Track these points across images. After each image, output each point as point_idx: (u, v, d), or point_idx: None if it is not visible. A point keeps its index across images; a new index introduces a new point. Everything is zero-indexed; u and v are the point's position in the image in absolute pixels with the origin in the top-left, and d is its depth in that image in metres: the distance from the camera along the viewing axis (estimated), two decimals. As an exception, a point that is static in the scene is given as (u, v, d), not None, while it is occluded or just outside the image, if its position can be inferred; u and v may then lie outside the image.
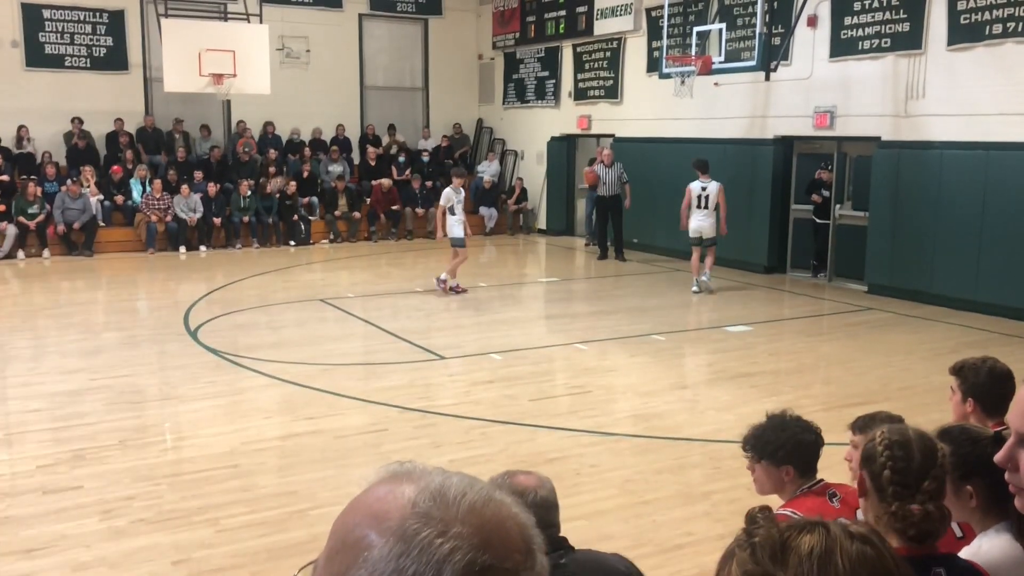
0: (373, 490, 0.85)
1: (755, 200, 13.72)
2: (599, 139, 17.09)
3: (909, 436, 2.02)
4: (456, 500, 0.82)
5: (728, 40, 12.91)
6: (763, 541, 1.09)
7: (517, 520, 0.84)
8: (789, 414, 2.99)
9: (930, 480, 1.94)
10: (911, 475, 1.95)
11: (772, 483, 2.93)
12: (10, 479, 5.53)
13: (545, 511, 2.38)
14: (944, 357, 3.89)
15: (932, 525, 1.92)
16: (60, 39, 16.56)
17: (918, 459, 1.97)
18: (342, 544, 0.83)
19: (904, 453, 1.98)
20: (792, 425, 2.94)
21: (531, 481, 2.45)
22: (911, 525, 1.91)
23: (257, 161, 17.40)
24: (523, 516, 0.86)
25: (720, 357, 8.67)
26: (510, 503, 0.86)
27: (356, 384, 7.67)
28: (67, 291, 12.82)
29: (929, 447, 2.00)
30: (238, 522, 4.87)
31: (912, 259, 11.50)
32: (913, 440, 2.01)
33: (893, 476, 1.96)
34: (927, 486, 1.94)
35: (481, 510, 0.82)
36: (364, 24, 19.27)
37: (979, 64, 10.65)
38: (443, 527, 0.79)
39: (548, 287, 13.52)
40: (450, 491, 0.83)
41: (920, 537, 1.92)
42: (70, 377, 7.76)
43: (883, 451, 2.00)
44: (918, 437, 2.03)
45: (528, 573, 0.82)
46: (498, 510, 0.83)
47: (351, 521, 0.84)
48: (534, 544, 0.84)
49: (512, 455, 5.94)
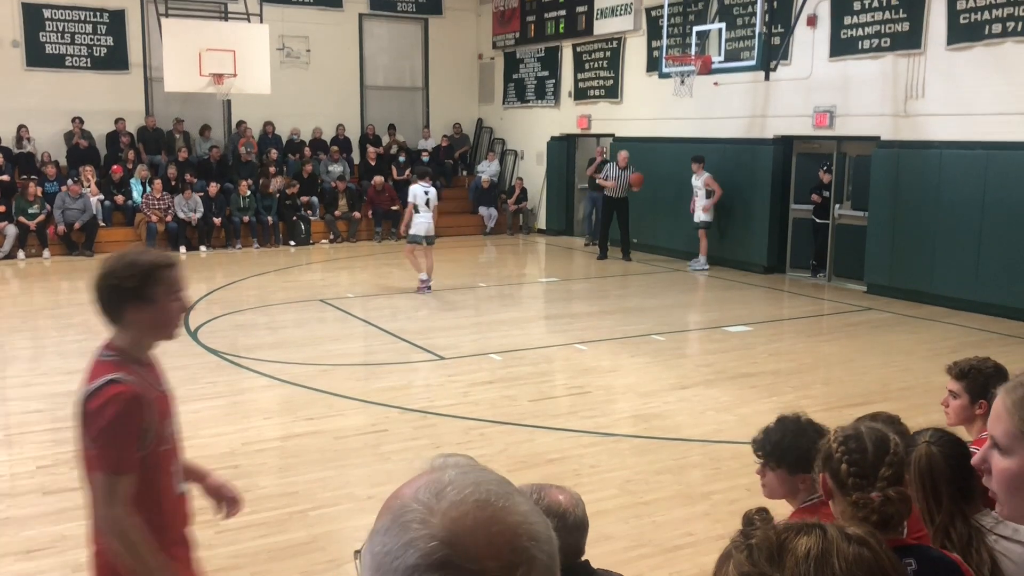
0: (415, 478, 0.91)
1: (755, 200, 13.72)
2: (599, 139, 17.10)
3: (860, 430, 2.14)
4: (447, 495, 0.85)
5: (728, 40, 12.92)
6: (760, 543, 1.09)
7: (512, 531, 0.83)
8: (803, 418, 2.87)
9: (885, 467, 2.04)
10: (867, 465, 2.05)
11: (785, 490, 2.82)
12: (10, 480, 5.53)
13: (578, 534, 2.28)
14: (944, 357, 3.89)
15: (892, 509, 2.00)
16: (60, 39, 16.57)
17: (871, 449, 2.07)
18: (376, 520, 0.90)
19: (857, 445, 2.08)
20: (811, 431, 2.78)
21: (566, 501, 2.31)
22: (872, 511, 1.99)
23: (257, 161, 17.41)
24: (527, 530, 0.84)
25: (720, 357, 8.68)
26: (519, 517, 0.85)
27: (356, 385, 7.67)
28: (67, 291, 12.82)
29: (880, 437, 2.10)
30: (238, 523, 4.85)
31: (911, 259, 11.51)
32: (864, 433, 2.12)
33: (850, 468, 2.05)
34: (884, 472, 2.03)
35: (467, 509, 0.83)
36: (364, 24, 19.27)
37: (978, 64, 10.65)
38: (425, 515, 0.84)
39: (548, 287, 13.52)
40: (450, 487, 0.86)
41: (883, 522, 1.98)
42: (70, 378, 7.75)
43: (838, 448, 2.10)
44: (869, 430, 2.14)
45: None
46: (490, 515, 0.83)
47: (386, 502, 0.91)
48: (521, 559, 0.82)
49: (511, 456, 5.94)
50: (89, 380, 2.54)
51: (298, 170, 17.43)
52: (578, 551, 2.31)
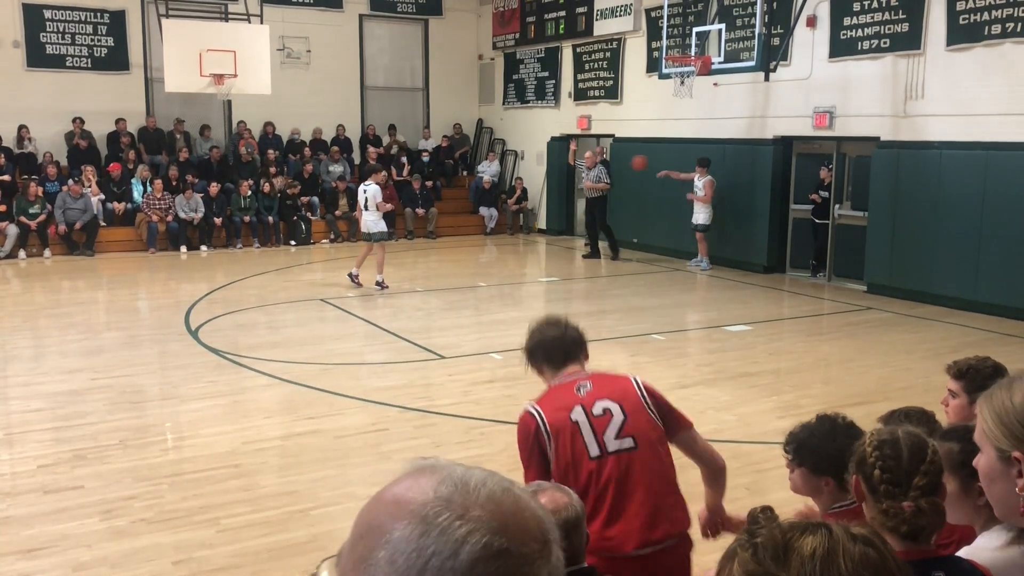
0: (396, 483, 0.88)
1: (755, 200, 13.72)
2: (599, 139, 17.10)
3: (898, 435, 2.04)
4: (476, 488, 0.85)
5: (727, 40, 12.92)
6: (765, 542, 1.09)
7: (535, 512, 0.87)
8: (841, 420, 2.73)
9: (920, 476, 1.95)
10: (901, 473, 1.97)
11: (808, 489, 2.75)
12: (11, 479, 5.54)
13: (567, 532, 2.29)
14: (944, 357, 3.89)
15: (924, 520, 1.92)
16: (61, 39, 16.57)
17: (906, 457, 1.98)
18: (367, 530, 0.86)
19: (892, 452, 2.00)
20: (841, 436, 2.63)
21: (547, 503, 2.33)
22: (903, 522, 1.91)
23: (257, 161, 17.41)
24: (541, 511, 0.88)
25: (720, 357, 8.68)
26: (528, 498, 0.88)
27: (356, 384, 7.67)
28: (68, 291, 12.83)
29: (918, 444, 2.01)
30: (239, 522, 4.88)
31: (911, 259, 11.51)
32: (902, 439, 2.03)
33: (883, 475, 1.97)
34: (918, 482, 1.95)
35: (500, 498, 0.85)
36: (364, 24, 19.27)
37: (978, 64, 10.66)
38: (462, 511, 0.82)
39: (548, 287, 13.53)
40: (471, 480, 0.86)
41: (913, 534, 1.91)
42: (71, 377, 7.77)
43: (872, 452, 2.02)
44: (906, 435, 2.04)
45: (544, 563, 0.84)
46: (516, 500, 0.86)
47: (374, 510, 0.87)
48: (551, 536, 0.87)
49: (512, 455, 5.90)
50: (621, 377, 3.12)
51: (299, 170, 17.43)
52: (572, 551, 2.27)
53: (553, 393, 3.03)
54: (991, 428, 1.55)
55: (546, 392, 3.04)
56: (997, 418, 1.54)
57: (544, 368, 3.16)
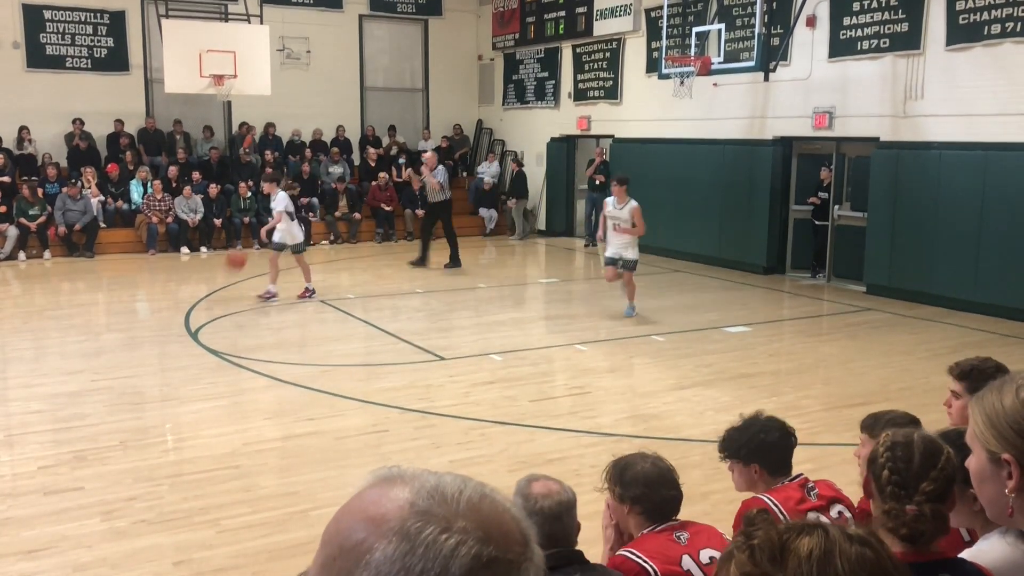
0: (365, 494, 0.85)
1: (754, 201, 13.73)
2: (599, 140, 17.10)
3: (913, 438, 2.04)
4: (454, 497, 0.83)
5: (727, 40, 12.93)
6: (762, 543, 1.09)
7: (512, 514, 0.87)
8: (760, 415, 3.17)
9: (929, 482, 1.95)
10: (910, 476, 1.96)
11: (745, 481, 3.07)
12: (11, 480, 5.54)
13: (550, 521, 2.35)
14: (943, 358, 3.89)
15: (924, 526, 1.92)
16: (61, 40, 16.58)
17: (917, 461, 1.98)
18: (339, 550, 0.81)
19: (904, 454, 2.00)
20: (755, 425, 3.11)
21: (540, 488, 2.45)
22: (902, 524, 1.92)
23: (257, 162, 17.41)
24: (515, 509, 0.88)
25: (719, 358, 8.68)
26: (502, 499, 0.87)
27: (356, 385, 7.67)
28: (68, 292, 12.83)
29: (931, 450, 2.01)
30: (239, 523, 4.88)
31: (911, 260, 11.51)
32: (916, 443, 2.02)
33: (891, 477, 1.98)
34: (925, 487, 1.94)
35: (479, 505, 0.84)
36: (364, 25, 19.28)
37: (978, 64, 10.66)
38: (446, 523, 0.80)
39: (548, 288, 13.53)
40: (447, 489, 0.84)
41: (911, 537, 1.91)
42: (71, 378, 7.77)
43: (884, 452, 2.02)
44: (921, 440, 2.04)
45: (529, 564, 0.84)
46: (494, 505, 0.85)
47: (346, 526, 0.83)
48: (530, 535, 0.86)
49: (512, 456, 5.95)
50: (711, 527, 2.91)
51: (298, 171, 17.43)
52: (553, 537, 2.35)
53: (651, 541, 2.66)
54: (982, 430, 1.56)
55: (639, 539, 2.69)
56: (987, 420, 1.55)
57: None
